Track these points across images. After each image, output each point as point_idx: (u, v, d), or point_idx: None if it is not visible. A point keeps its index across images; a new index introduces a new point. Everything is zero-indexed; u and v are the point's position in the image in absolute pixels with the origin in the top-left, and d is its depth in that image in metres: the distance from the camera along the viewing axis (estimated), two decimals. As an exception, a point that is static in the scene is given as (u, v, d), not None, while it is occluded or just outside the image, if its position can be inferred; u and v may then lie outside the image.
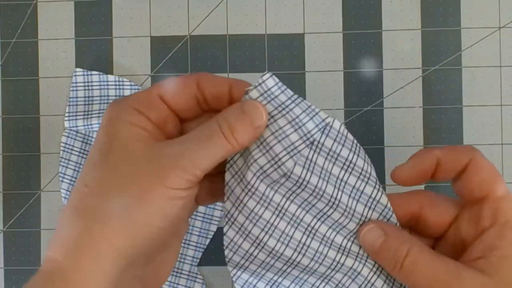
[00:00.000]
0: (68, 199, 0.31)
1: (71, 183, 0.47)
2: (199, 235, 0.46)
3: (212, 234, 0.46)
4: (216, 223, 0.46)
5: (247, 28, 0.47)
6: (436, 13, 0.46)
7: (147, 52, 0.47)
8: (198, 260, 0.46)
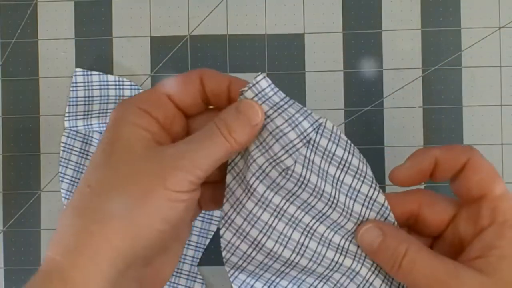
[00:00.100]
0: (69, 199, 0.31)
1: (71, 183, 0.47)
2: (199, 235, 0.46)
3: (212, 234, 0.46)
4: (216, 223, 0.46)
5: (247, 28, 0.47)
6: (436, 13, 0.46)
7: (147, 52, 0.47)
8: (198, 260, 0.46)
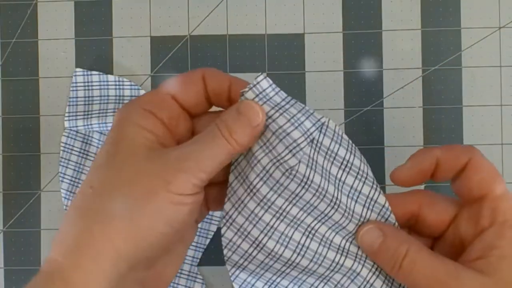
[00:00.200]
0: (72, 200, 0.31)
1: (71, 183, 0.47)
2: (199, 235, 0.46)
3: (212, 234, 0.46)
4: (216, 223, 0.46)
5: (247, 28, 0.47)
6: (436, 13, 0.46)
7: (147, 52, 0.47)
8: (198, 260, 0.46)
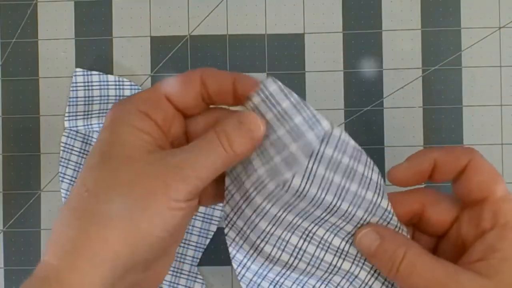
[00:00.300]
0: (65, 201, 0.31)
1: (71, 183, 0.46)
2: (199, 235, 0.46)
3: (212, 234, 0.46)
4: (216, 223, 0.46)
5: (247, 28, 0.47)
6: (436, 13, 0.46)
7: (147, 52, 0.47)
8: (198, 260, 0.46)
